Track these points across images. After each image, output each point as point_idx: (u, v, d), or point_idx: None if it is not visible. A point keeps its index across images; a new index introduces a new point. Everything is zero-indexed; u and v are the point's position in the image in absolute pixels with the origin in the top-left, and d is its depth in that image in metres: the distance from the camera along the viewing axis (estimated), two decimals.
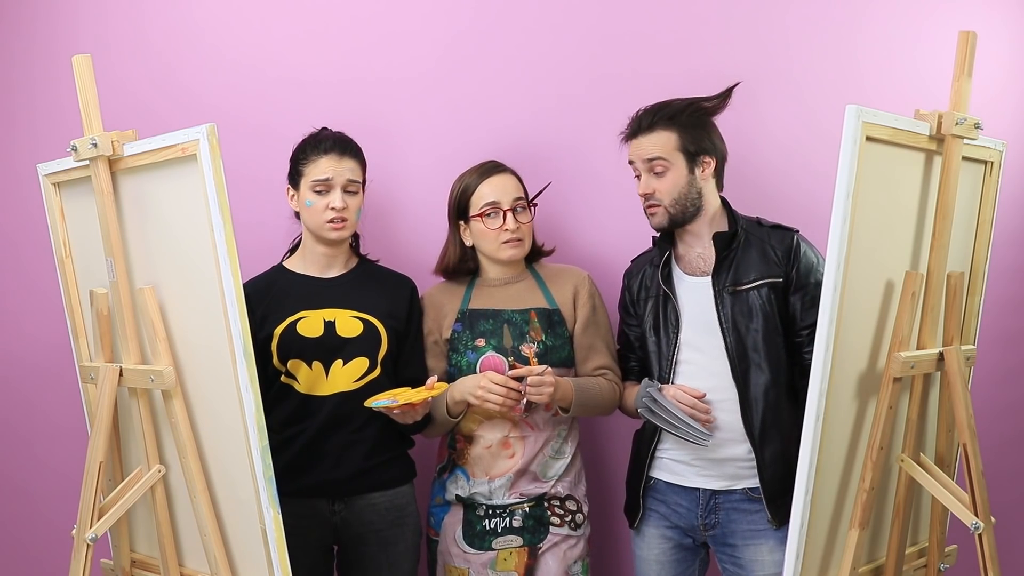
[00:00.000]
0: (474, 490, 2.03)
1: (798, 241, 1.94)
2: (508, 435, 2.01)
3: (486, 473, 2.03)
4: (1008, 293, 2.31)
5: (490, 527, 2.03)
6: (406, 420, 1.96)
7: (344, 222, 2.03)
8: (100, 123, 1.74)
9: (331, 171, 2.01)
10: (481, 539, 2.03)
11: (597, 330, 2.08)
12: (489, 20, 2.37)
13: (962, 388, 1.69)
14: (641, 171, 1.96)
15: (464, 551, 2.04)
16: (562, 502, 2.04)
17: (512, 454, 2.02)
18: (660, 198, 1.94)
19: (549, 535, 2.03)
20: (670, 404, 1.87)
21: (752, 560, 1.91)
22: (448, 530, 2.07)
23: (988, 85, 2.22)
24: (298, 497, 1.96)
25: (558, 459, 2.04)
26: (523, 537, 2.02)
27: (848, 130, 1.55)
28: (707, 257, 1.97)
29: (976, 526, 1.63)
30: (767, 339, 1.89)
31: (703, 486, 1.94)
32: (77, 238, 1.93)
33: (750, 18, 2.31)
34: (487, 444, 2.02)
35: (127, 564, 1.91)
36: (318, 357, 2.01)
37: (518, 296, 2.08)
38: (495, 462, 2.02)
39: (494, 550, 2.02)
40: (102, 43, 2.42)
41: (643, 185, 1.95)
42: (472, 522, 2.04)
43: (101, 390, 1.74)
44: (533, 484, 2.03)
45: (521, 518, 2.02)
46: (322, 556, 2.07)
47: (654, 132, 1.94)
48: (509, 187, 2.05)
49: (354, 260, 2.15)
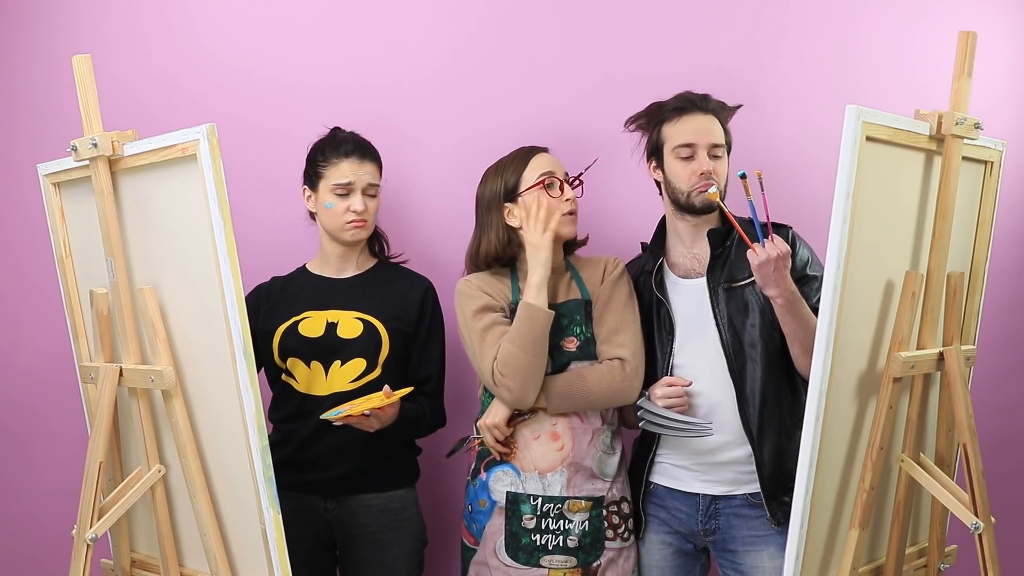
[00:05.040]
0: (527, 485, 1.93)
1: (793, 237, 1.93)
2: (555, 426, 1.93)
3: (536, 467, 1.92)
4: (1008, 293, 2.31)
5: (540, 542, 1.91)
6: (369, 428, 1.93)
7: (364, 223, 2.04)
8: (100, 123, 1.74)
9: (353, 175, 2.03)
10: (528, 553, 1.91)
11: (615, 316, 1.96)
12: (494, 21, 2.37)
13: (962, 388, 1.69)
14: (698, 151, 1.92)
15: (505, 564, 1.92)
16: (618, 506, 1.95)
17: (561, 446, 1.93)
18: (717, 178, 1.92)
19: (604, 550, 1.93)
20: (660, 409, 1.87)
21: (753, 566, 1.90)
22: (489, 540, 1.95)
23: (988, 85, 2.22)
24: (294, 491, 1.97)
25: (611, 454, 1.96)
26: (577, 557, 1.91)
27: (848, 130, 1.55)
28: (702, 257, 1.97)
29: (976, 526, 1.63)
30: (763, 335, 1.88)
31: (703, 491, 1.93)
32: (77, 238, 1.93)
33: (750, 18, 2.31)
34: (535, 435, 1.93)
35: (127, 564, 1.91)
36: (317, 357, 2.02)
37: (566, 290, 2.01)
38: (544, 454, 1.92)
39: (543, 567, 1.90)
40: (102, 43, 2.42)
41: (706, 162, 1.91)
42: (517, 534, 1.92)
43: (101, 390, 1.74)
44: (590, 482, 1.93)
45: (578, 537, 1.90)
46: (322, 552, 2.07)
47: (709, 115, 1.94)
48: (557, 163, 2.01)
49: (371, 261, 2.15)
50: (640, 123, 2.04)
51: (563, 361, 1.95)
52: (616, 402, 1.95)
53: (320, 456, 2.02)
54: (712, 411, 1.90)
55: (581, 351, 1.95)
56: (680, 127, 1.94)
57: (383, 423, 1.94)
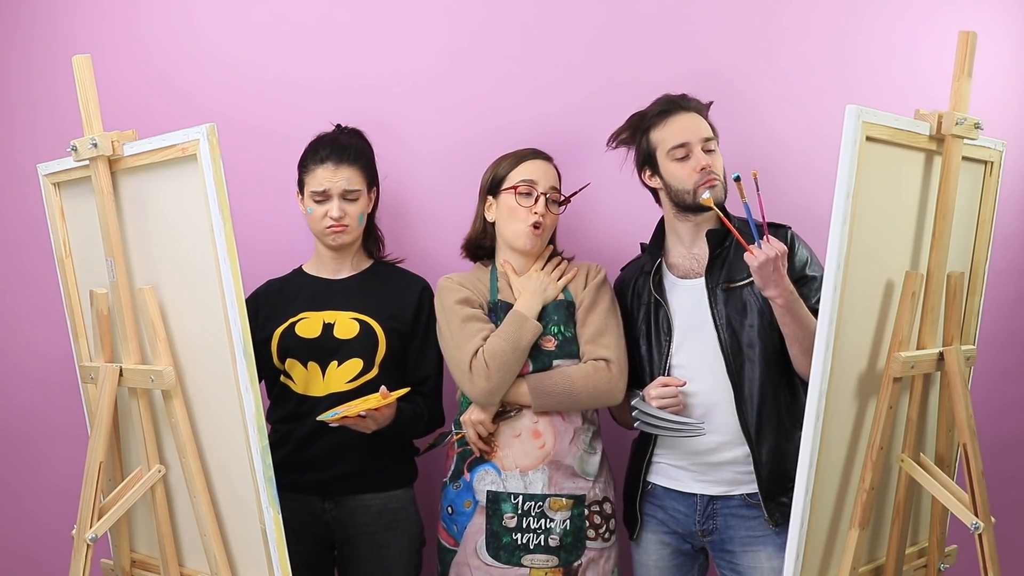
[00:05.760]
0: (507, 483, 1.93)
1: (792, 237, 1.94)
2: (537, 424, 1.93)
3: (517, 465, 1.93)
4: (1008, 293, 2.31)
5: (521, 541, 1.91)
6: (366, 429, 1.93)
7: (344, 228, 2.04)
8: (100, 123, 1.74)
9: (327, 182, 2.03)
10: (509, 553, 1.91)
11: (600, 318, 1.97)
12: (494, 23, 2.37)
13: (962, 388, 1.69)
14: (693, 148, 1.92)
15: (486, 563, 1.92)
16: (600, 506, 1.96)
17: (542, 444, 1.93)
18: (716, 172, 1.92)
19: (585, 550, 1.93)
20: (653, 409, 1.88)
21: (750, 567, 1.90)
22: (469, 540, 1.95)
23: (988, 85, 2.22)
24: (291, 492, 1.96)
25: (592, 454, 1.97)
26: (559, 556, 1.91)
27: (848, 130, 1.55)
28: (701, 257, 1.97)
29: (976, 526, 1.63)
30: (762, 335, 1.88)
31: (700, 492, 1.93)
32: (77, 238, 1.93)
33: (750, 18, 2.31)
34: (516, 433, 1.94)
35: (127, 564, 1.91)
36: (313, 358, 2.02)
37: None
38: (526, 451, 1.93)
39: (524, 567, 1.91)
40: (101, 43, 2.42)
41: (703, 158, 1.91)
42: (498, 533, 1.92)
43: (101, 390, 1.74)
44: (571, 480, 1.94)
45: (559, 536, 1.91)
46: (320, 552, 2.07)
47: (693, 112, 1.95)
48: (549, 174, 2.02)
49: (367, 262, 2.15)
50: (623, 138, 2.05)
51: (545, 361, 1.95)
52: (601, 402, 1.95)
53: (318, 457, 2.01)
54: (710, 411, 1.90)
55: (561, 350, 1.96)
56: (669, 129, 1.95)
57: (379, 424, 1.94)
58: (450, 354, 1.98)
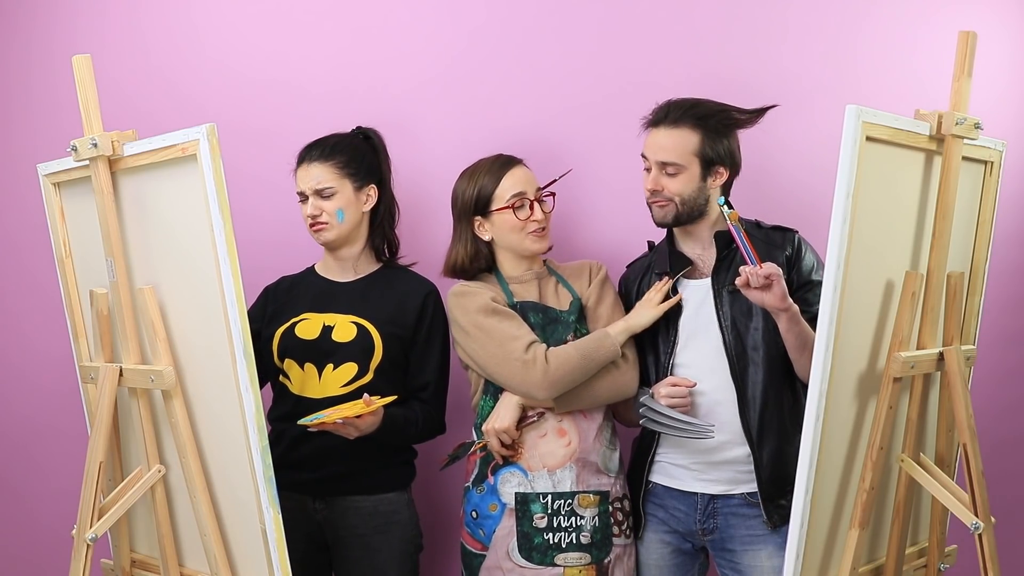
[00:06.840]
0: (535, 484, 1.93)
1: (799, 242, 1.94)
2: (561, 422, 1.94)
3: (544, 464, 1.93)
4: (1008, 293, 2.31)
5: (553, 541, 1.91)
6: (347, 435, 1.91)
7: (324, 225, 2.04)
8: (100, 123, 1.74)
9: (301, 183, 2.06)
10: (542, 553, 1.91)
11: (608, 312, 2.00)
12: (495, 24, 2.37)
13: (962, 388, 1.69)
14: (652, 167, 1.93)
15: (519, 565, 1.92)
16: (621, 503, 1.97)
17: (568, 442, 1.93)
18: (669, 195, 1.92)
19: (612, 547, 1.94)
20: (663, 407, 1.88)
21: (750, 565, 1.90)
22: (500, 543, 1.94)
23: (988, 85, 2.22)
24: (284, 490, 1.95)
25: (613, 450, 1.98)
26: (591, 553, 1.92)
27: (848, 130, 1.55)
28: (707, 259, 1.97)
29: (976, 526, 1.63)
30: (766, 338, 1.88)
31: (701, 490, 1.93)
32: (77, 238, 1.93)
33: (750, 18, 2.31)
34: (541, 433, 1.94)
35: (127, 564, 1.91)
36: (310, 359, 2.02)
37: (554, 294, 2.04)
38: (552, 451, 1.93)
39: (558, 566, 1.91)
40: (101, 43, 2.42)
41: (652, 180, 1.92)
42: (529, 534, 1.92)
43: (101, 390, 1.74)
44: (596, 477, 1.94)
45: (590, 533, 1.92)
46: (315, 552, 2.07)
47: (679, 128, 1.90)
48: (530, 177, 2.03)
49: (374, 265, 2.14)
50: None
51: None
52: (619, 395, 1.96)
53: (309, 456, 2.01)
54: (712, 411, 1.90)
55: None
56: (645, 139, 1.96)
57: (361, 431, 1.91)
58: (493, 351, 1.93)
